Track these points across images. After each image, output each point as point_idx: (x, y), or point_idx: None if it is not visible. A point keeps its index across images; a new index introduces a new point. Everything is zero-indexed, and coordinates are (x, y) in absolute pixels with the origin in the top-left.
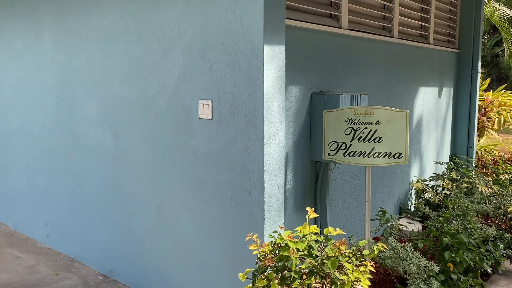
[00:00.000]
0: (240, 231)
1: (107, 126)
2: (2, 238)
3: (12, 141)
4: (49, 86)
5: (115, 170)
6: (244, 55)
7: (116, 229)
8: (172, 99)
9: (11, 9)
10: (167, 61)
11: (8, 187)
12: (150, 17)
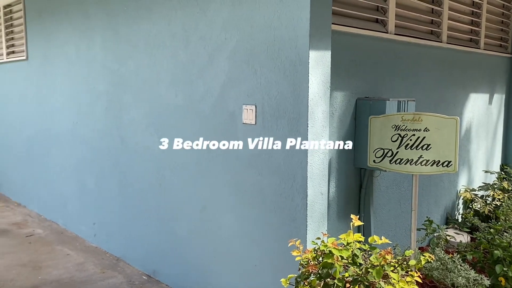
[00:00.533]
0: (282, 236)
1: (153, 130)
2: (53, 235)
3: (64, 143)
4: (100, 91)
5: (160, 172)
6: (289, 61)
7: (160, 231)
8: (216, 104)
9: (67, 17)
10: (213, 67)
11: (59, 187)
12: (197, 24)
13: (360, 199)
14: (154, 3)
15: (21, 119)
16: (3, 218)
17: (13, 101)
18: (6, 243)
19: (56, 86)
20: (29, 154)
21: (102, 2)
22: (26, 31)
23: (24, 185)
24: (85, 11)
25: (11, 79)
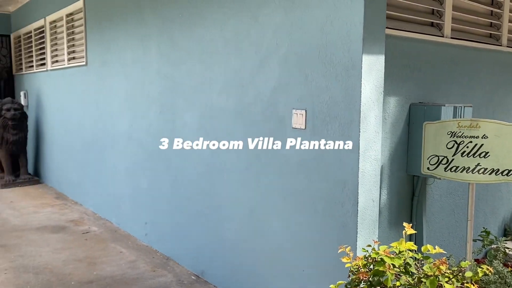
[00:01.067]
0: (331, 242)
1: (204, 133)
2: (107, 233)
3: (120, 145)
4: (154, 96)
5: (210, 175)
6: (341, 65)
7: (209, 232)
8: (266, 108)
9: (125, 25)
10: (264, 72)
11: (114, 187)
12: (249, 30)
13: (412, 207)
14: (208, 10)
15: (79, 122)
16: (62, 215)
17: (73, 105)
18: (64, 239)
19: (113, 91)
20: (87, 155)
21: (158, 10)
22: (86, 38)
23: (81, 185)
24: (142, 19)
25: (71, 83)
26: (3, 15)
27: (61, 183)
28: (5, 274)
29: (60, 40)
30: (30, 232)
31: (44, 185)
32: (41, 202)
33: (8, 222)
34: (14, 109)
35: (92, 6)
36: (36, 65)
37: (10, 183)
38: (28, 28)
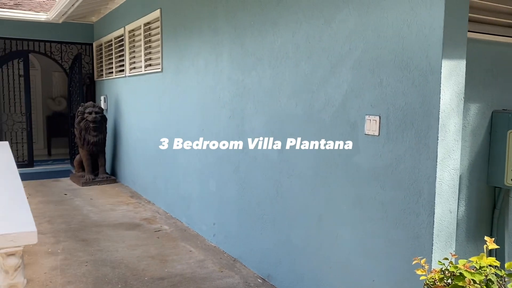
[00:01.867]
0: (404, 253)
1: (273, 138)
2: (177, 233)
3: (192, 148)
4: (225, 101)
5: (278, 180)
6: (418, 70)
7: (276, 236)
8: (337, 114)
9: (198, 33)
10: (335, 77)
11: (185, 188)
12: (321, 36)
13: (493, 221)
14: (280, 16)
15: (154, 125)
16: (136, 213)
17: (148, 109)
18: (138, 236)
19: (186, 96)
20: (160, 156)
21: (231, 18)
22: (162, 46)
23: (154, 185)
24: (215, 27)
25: (147, 88)
26: (87, 25)
27: (135, 183)
28: (85, 266)
29: (138, 48)
30: (107, 228)
31: (120, 184)
32: (117, 200)
33: (88, 218)
34: (95, 113)
35: (168, 15)
36: (115, 72)
37: (90, 181)
38: (109, 37)
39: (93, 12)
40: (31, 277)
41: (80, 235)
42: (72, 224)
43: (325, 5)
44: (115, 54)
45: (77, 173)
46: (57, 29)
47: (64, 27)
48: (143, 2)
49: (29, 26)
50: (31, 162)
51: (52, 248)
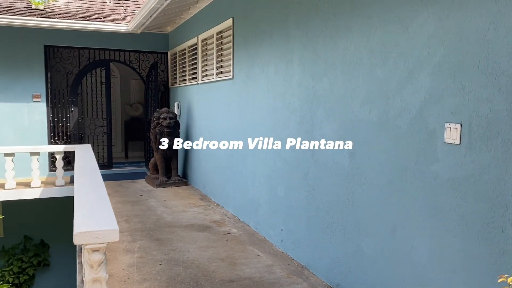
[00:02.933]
0: (486, 270)
1: (344, 145)
2: (245, 236)
3: (260, 153)
4: (294, 107)
5: (349, 187)
6: (506, 76)
7: (346, 245)
8: (414, 121)
9: (269, 40)
10: (412, 83)
11: (253, 192)
12: (397, 40)
13: None
14: (354, 22)
15: (224, 130)
16: (206, 216)
17: (219, 114)
18: (208, 238)
19: (256, 102)
20: (229, 161)
21: (303, 24)
22: (233, 54)
23: (223, 188)
24: (286, 34)
25: (218, 95)
26: (162, 35)
27: (205, 186)
28: (160, 265)
29: (210, 56)
30: (180, 229)
31: (190, 187)
32: (188, 202)
33: (162, 219)
34: (169, 118)
35: (240, 24)
36: (188, 79)
37: (163, 183)
38: (183, 46)
39: (168, 23)
40: (110, 273)
41: (155, 235)
42: (147, 223)
43: (402, 9)
44: (188, 62)
45: (151, 175)
46: (136, 39)
47: (142, 37)
48: (216, 11)
49: (110, 37)
50: (110, 164)
51: (129, 246)
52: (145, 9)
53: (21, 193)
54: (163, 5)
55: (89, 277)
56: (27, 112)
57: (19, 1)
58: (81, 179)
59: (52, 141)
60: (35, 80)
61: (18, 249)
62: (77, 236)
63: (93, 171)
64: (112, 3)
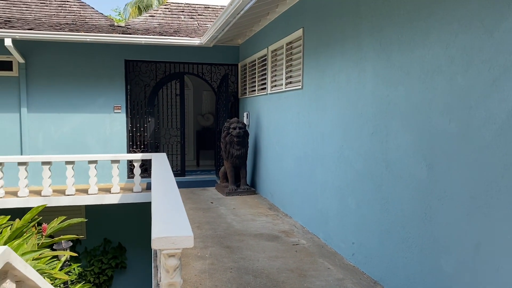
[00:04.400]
0: None
1: (421, 157)
2: (315, 248)
3: (330, 164)
4: (367, 116)
5: (426, 201)
6: None
7: (422, 261)
8: (500, 131)
9: (341, 50)
10: (498, 91)
11: (322, 204)
12: (481, 47)
13: None
14: (432, 28)
15: (293, 140)
16: (274, 226)
17: (288, 124)
18: (277, 248)
19: (325, 112)
20: (298, 171)
21: (376, 33)
22: (303, 64)
23: (291, 198)
24: (359, 43)
25: (287, 105)
26: (233, 48)
27: (273, 195)
28: (230, 272)
29: (279, 67)
30: (249, 237)
31: (259, 196)
32: (257, 211)
33: (232, 226)
34: (239, 128)
35: (310, 34)
36: (257, 89)
37: (233, 191)
38: (252, 57)
39: (239, 35)
40: (183, 278)
41: (225, 242)
42: (217, 231)
43: (486, 14)
44: (258, 73)
45: (221, 184)
46: (208, 52)
47: (214, 50)
48: (286, 22)
49: (184, 51)
50: (183, 171)
51: (201, 252)
52: (218, 23)
53: (103, 198)
54: (235, 18)
55: (164, 281)
56: (108, 123)
57: (103, 19)
58: (158, 187)
59: (131, 149)
60: (116, 93)
61: (99, 251)
62: (155, 241)
63: (169, 179)
64: (186, 19)
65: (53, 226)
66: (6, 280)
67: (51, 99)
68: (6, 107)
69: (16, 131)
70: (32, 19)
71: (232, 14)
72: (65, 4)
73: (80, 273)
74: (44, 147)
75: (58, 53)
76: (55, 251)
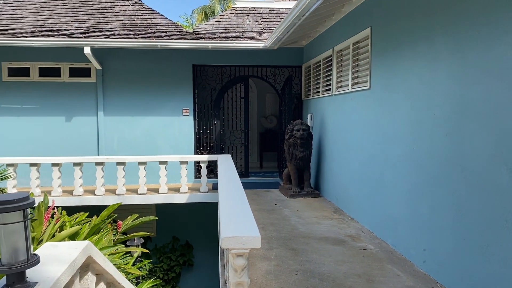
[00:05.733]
0: None
1: (501, 161)
2: (383, 253)
3: (399, 167)
4: (440, 117)
5: (507, 208)
6: None
7: (504, 272)
8: None
9: (411, 49)
10: None
11: (391, 208)
12: None
13: None
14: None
15: (359, 142)
16: (340, 229)
17: (353, 126)
18: (344, 252)
19: (394, 113)
20: (365, 174)
21: (451, 30)
22: (370, 64)
23: (357, 202)
24: (431, 41)
25: (353, 106)
26: (297, 49)
27: (338, 199)
28: (296, 275)
29: (345, 67)
30: (314, 240)
31: (323, 199)
32: (321, 214)
33: (296, 229)
34: (302, 130)
35: (378, 33)
36: (322, 91)
37: (296, 194)
38: (317, 58)
39: (303, 37)
40: (250, 278)
41: (290, 244)
42: (282, 232)
43: None
44: (323, 74)
45: (284, 185)
46: (272, 55)
47: (278, 52)
48: (352, 22)
49: (249, 54)
50: (247, 173)
51: (266, 253)
52: (283, 25)
53: (172, 198)
54: (300, 20)
55: (233, 281)
56: (177, 125)
57: (173, 26)
58: (225, 188)
59: (197, 151)
60: (185, 97)
61: (167, 248)
62: (224, 240)
63: (235, 181)
64: (251, 22)
65: (127, 223)
66: (87, 272)
67: (125, 103)
68: (85, 111)
69: (93, 133)
70: (108, 28)
71: (297, 16)
72: (137, 12)
73: (150, 269)
74: (119, 148)
75: (131, 60)
76: (128, 247)
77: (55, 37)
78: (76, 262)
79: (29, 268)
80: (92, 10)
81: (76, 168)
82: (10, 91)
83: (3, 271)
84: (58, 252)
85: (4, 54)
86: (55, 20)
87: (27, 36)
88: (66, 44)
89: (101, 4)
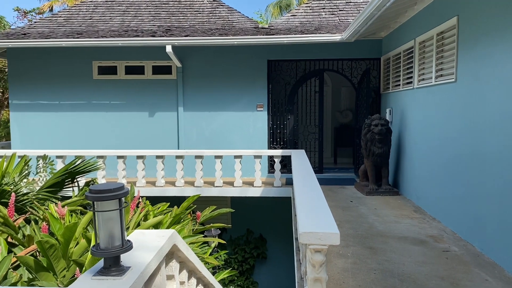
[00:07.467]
0: None
1: None
2: (469, 256)
3: (491, 164)
4: None
5: None
6: None
7: None
8: None
9: (505, 37)
10: None
11: (479, 209)
12: None
13: None
14: None
15: (443, 138)
16: (421, 229)
17: (437, 121)
18: (424, 253)
19: (485, 106)
20: (449, 172)
21: None
22: (457, 55)
23: (440, 201)
24: None
25: (436, 100)
26: (375, 41)
27: (419, 197)
28: (374, 274)
29: (428, 59)
30: (392, 239)
31: (402, 197)
32: (400, 213)
33: (374, 227)
34: (381, 125)
35: (466, 22)
36: (402, 84)
37: (373, 191)
38: (397, 51)
39: (382, 28)
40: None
41: (367, 243)
42: (358, 230)
43: None
44: (403, 67)
45: (361, 182)
46: (348, 48)
47: (355, 45)
48: (437, 11)
49: (324, 47)
50: (321, 168)
51: (342, 250)
52: (361, 17)
53: (246, 191)
54: (380, 11)
55: (311, 276)
56: (252, 120)
57: (248, 22)
58: (300, 183)
59: (271, 146)
60: (259, 92)
61: (242, 240)
62: (303, 235)
63: (310, 175)
64: (327, 15)
65: (205, 214)
66: (172, 259)
67: (202, 99)
68: (167, 107)
69: (174, 127)
70: (187, 26)
71: (377, 7)
72: (215, 10)
73: (225, 259)
74: (197, 142)
75: (209, 56)
76: (206, 237)
77: (139, 36)
78: (163, 249)
79: (124, 252)
80: (173, 10)
81: (159, 160)
82: (100, 89)
83: (102, 254)
84: (147, 239)
85: (94, 53)
86: (139, 21)
87: (115, 36)
88: (149, 43)
89: (181, 3)
